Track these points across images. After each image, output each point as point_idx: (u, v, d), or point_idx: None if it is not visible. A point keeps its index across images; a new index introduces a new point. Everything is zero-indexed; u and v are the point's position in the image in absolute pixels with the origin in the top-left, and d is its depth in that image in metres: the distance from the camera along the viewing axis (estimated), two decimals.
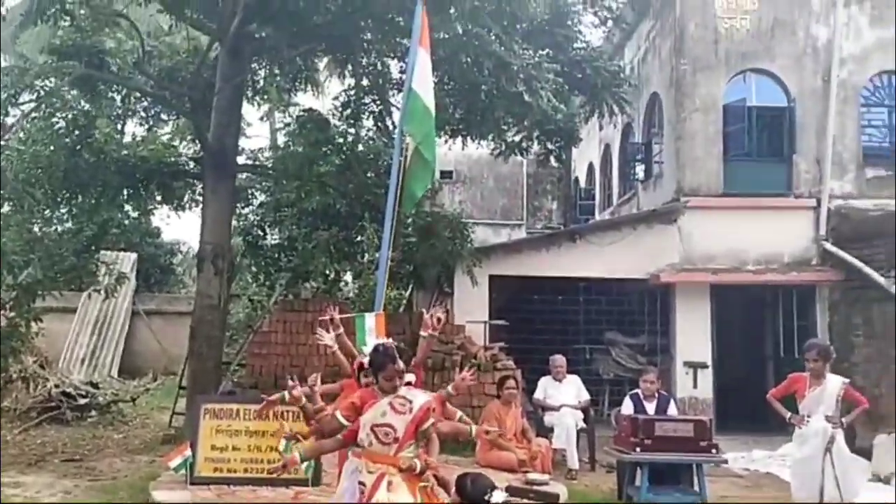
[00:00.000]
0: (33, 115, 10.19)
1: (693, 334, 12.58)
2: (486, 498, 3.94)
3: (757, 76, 13.17)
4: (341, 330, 5.92)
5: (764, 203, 12.74)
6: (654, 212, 13.11)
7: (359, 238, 13.80)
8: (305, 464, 6.91)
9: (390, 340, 5.02)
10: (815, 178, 12.71)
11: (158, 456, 9.31)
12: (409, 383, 4.91)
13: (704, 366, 12.44)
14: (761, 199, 12.76)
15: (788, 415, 6.74)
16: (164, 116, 16.32)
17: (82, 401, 12.23)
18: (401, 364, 4.57)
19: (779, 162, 13.10)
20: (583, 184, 20.98)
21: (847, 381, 6.82)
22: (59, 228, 12.34)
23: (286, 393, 5.30)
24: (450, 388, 5.18)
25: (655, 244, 12.72)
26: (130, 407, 13.29)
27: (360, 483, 4.48)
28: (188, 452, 7.05)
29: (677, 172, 13.03)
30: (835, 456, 6.42)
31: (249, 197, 16.19)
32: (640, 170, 15.53)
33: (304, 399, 5.07)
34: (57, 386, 12.25)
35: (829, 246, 12.25)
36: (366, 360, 5.04)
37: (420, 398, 4.56)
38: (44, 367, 12.83)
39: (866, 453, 10.08)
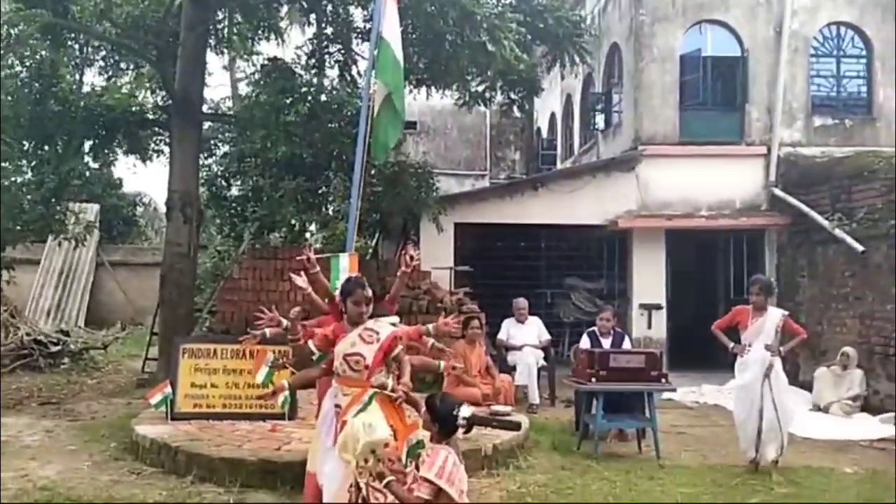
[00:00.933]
0: None
1: (649, 278, 13.12)
2: (454, 413, 4.32)
3: (712, 27, 13.52)
4: (317, 269, 6.21)
5: (717, 151, 13.20)
6: (613, 160, 13.53)
7: (324, 189, 13.98)
8: (282, 398, 7.30)
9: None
10: (766, 126, 13.19)
11: (134, 399, 9.61)
12: (393, 324, 5.21)
13: (659, 307, 13.01)
14: (715, 146, 13.21)
15: (731, 345, 7.23)
16: (123, 66, 16.15)
17: (54, 348, 12.40)
18: (369, 291, 4.91)
19: (732, 111, 13.56)
20: (545, 134, 21.31)
21: (786, 313, 7.32)
22: (19, 180, 12.33)
23: (266, 331, 5.57)
24: (430, 327, 5.44)
25: (614, 191, 13.16)
26: (102, 354, 13.48)
27: (336, 406, 4.86)
28: (168, 390, 7.38)
29: (635, 122, 13.41)
30: (773, 381, 6.94)
31: (213, 148, 16.22)
32: (600, 119, 15.88)
33: (283, 330, 5.36)
34: (28, 334, 12.39)
35: (777, 191, 12.80)
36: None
37: (386, 329, 4.93)
38: (14, 315, 12.91)
39: (809, 386, 10.77)
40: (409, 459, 4.32)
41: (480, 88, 13.41)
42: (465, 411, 4.32)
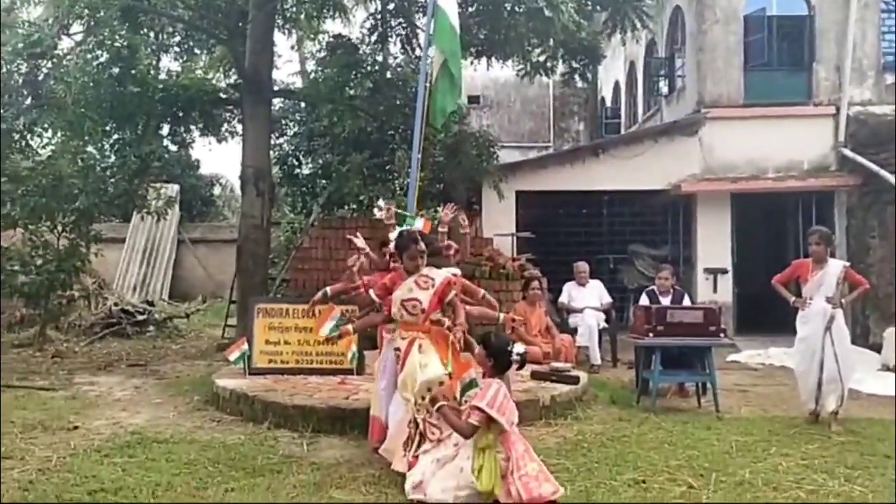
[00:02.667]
0: (80, 47, 10.74)
1: (714, 242, 13.06)
2: (509, 349, 4.58)
3: None
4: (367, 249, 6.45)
5: (784, 112, 13.01)
6: (676, 123, 13.46)
7: (389, 163, 14.35)
8: (351, 354, 7.71)
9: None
10: (835, 85, 12.92)
11: (215, 361, 10.18)
12: (455, 274, 5.50)
13: (724, 271, 12.94)
14: (781, 107, 13.01)
15: (792, 298, 7.25)
16: (197, 50, 16.81)
17: (140, 317, 13.15)
18: (422, 245, 5.21)
19: (798, 70, 13.31)
20: (609, 103, 21.18)
21: (847, 264, 7.29)
22: (103, 165, 13.05)
23: (327, 289, 5.94)
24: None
25: (677, 156, 13.11)
26: (184, 323, 14.23)
27: (396, 349, 5.19)
28: (245, 347, 7.85)
29: (699, 85, 13.30)
30: (834, 334, 6.92)
31: (283, 127, 16.76)
32: (663, 85, 15.75)
33: (344, 286, 5.72)
34: (116, 304, 13.18)
35: (847, 152, 12.54)
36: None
37: (440, 275, 5.22)
38: (102, 287, 13.75)
39: (879, 348, 10.61)
40: (463, 399, 4.58)
41: (541, 58, 13.48)
42: (519, 348, 4.58)
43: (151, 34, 13.87)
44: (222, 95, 13.38)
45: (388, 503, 4.64)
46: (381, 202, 5.91)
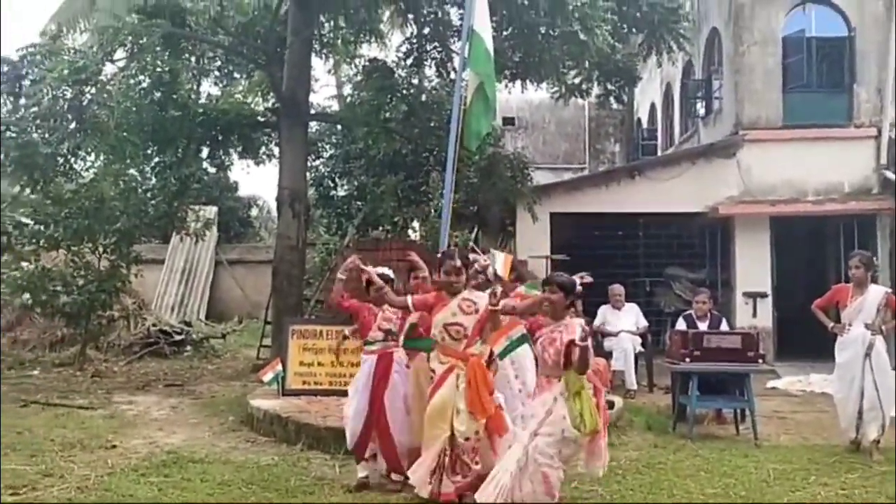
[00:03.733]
0: (123, 73, 11.03)
1: (753, 266, 12.87)
2: (576, 280, 4.77)
3: (816, 6, 13.16)
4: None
5: (823, 134, 12.83)
6: (713, 146, 13.34)
7: (424, 186, 14.43)
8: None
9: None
10: (876, 107, 12.72)
11: (250, 381, 10.27)
12: (494, 293, 5.41)
13: (764, 295, 12.74)
14: (821, 129, 12.83)
15: (831, 324, 7.11)
16: (236, 75, 17.15)
17: (178, 337, 13.35)
18: (458, 262, 5.20)
19: (839, 92, 13.13)
20: (645, 124, 21.09)
21: (889, 290, 7.13)
22: (145, 186, 13.33)
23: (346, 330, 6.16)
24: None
25: (714, 178, 12.98)
26: (221, 343, 14.40)
27: (432, 370, 5.18)
28: (279, 368, 7.92)
29: (736, 106, 13.18)
30: (874, 361, 6.77)
31: (319, 150, 16.97)
32: (700, 107, 15.66)
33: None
34: (154, 324, 13.39)
35: (889, 174, 12.31)
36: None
37: (484, 300, 5.18)
38: (141, 307, 13.99)
39: None
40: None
41: (576, 80, 13.51)
42: (587, 278, 4.85)
43: (192, 59, 14.20)
44: (260, 119, 13.61)
45: None
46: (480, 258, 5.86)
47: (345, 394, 7.80)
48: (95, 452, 6.45)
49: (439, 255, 5.45)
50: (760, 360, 7.64)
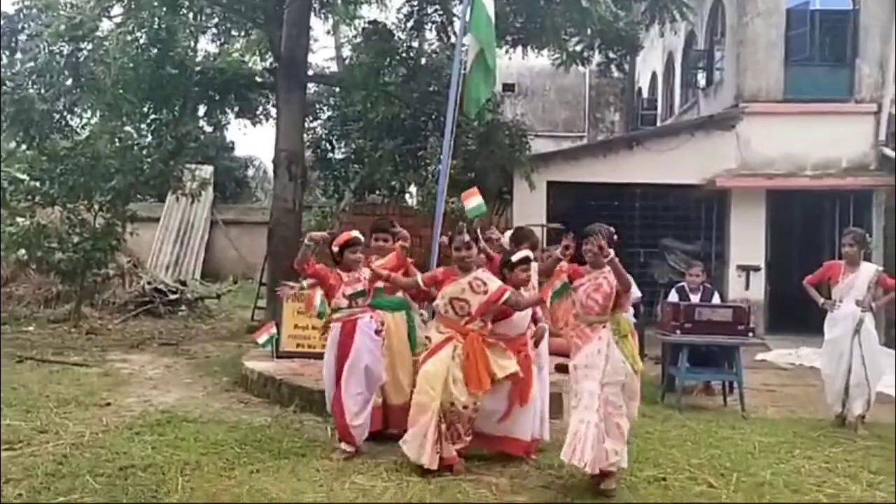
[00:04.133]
0: (119, 30, 10.91)
1: (747, 239, 12.92)
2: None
3: None
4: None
5: (824, 108, 12.80)
6: (712, 118, 13.30)
7: (422, 151, 14.37)
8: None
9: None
10: (878, 82, 12.68)
11: (245, 342, 10.33)
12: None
13: (757, 269, 12.80)
14: (821, 104, 12.79)
15: (821, 300, 7.17)
16: (234, 33, 16.97)
17: (173, 296, 13.38)
18: (466, 237, 5.23)
19: (841, 66, 13.09)
20: (646, 94, 20.97)
21: (881, 269, 7.18)
22: (141, 143, 13.24)
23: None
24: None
25: (713, 150, 12.97)
26: (215, 303, 14.44)
27: (427, 338, 5.27)
28: (273, 330, 7.95)
29: (738, 78, 13.12)
30: (862, 338, 6.84)
31: (317, 111, 16.87)
32: (701, 77, 15.57)
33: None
34: (149, 283, 13.42)
35: (887, 151, 12.32)
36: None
37: (495, 283, 5.22)
38: (136, 266, 14.00)
39: None
40: (556, 301, 5.14)
41: (578, 48, 13.41)
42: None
43: (190, 16, 14.02)
44: (258, 79, 13.52)
45: (409, 490, 4.70)
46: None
47: None
48: (90, 410, 6.51)
49: (450, 234, 5.42)
50: (750, 334, 7.71)
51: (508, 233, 6.32)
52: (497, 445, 5.40)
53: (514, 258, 5.37)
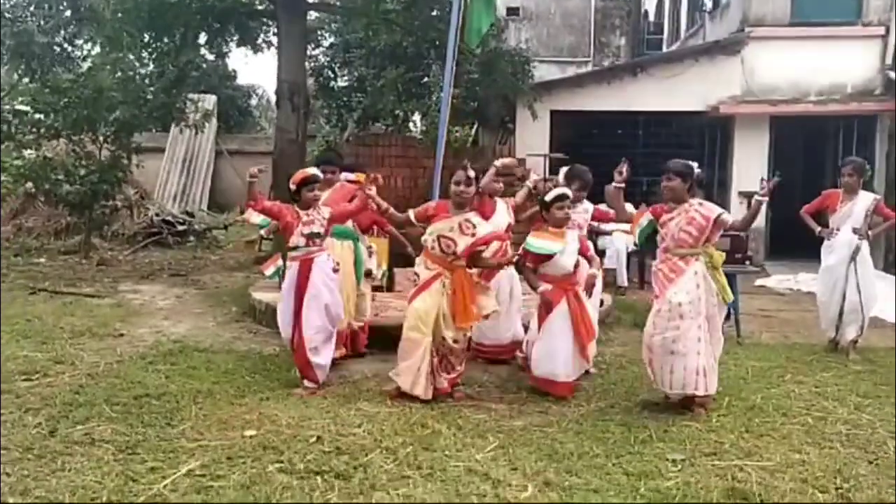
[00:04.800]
0: None
1: (750, 166, 12.87)
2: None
3: None
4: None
5: (831, 32, 12.59)
6: (717, 43, 13.12)
7: (425, 79, 14.25)
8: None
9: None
10: (886, 4, 12.42)
11: (252, 273, 10.54)
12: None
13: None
14: (828, 27, 12.58)
15: (818, 229, 7.27)
16: None
17: (181, 227, 13.55)
18: (472, 172, 5.27)
19: None
20: (652, 17, 20.60)
21: (878, 197, 7.25)
22: (143, 71, 13.17)
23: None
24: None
25: (717, 76, 12.84)
26: (223, 234, 14.63)
27: (415, 273, 5.33)
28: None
29: (744, 2, 12.87)
30: (858, 265, 6.96)
31: (319, 38, 16.63)
32: (707, 0, 15.26)
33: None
34: (157, 214, 13.58)
35: (893, 75, 12.17)
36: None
37: (485, 228, 5.31)
38: (144, 197, 14.12)
39: None
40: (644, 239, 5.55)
41: None
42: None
43: None
44: (258, 7, 13.32)
45: (412, 415, 4.91)
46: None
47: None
48: (104, 340, 6.73)
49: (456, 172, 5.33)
50: (747, 262, 7.83)
51: (563, 169, 6.34)
52: (552, 388, 5.40)
53: (549, 197, 5.41)
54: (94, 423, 4.56)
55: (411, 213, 5.41)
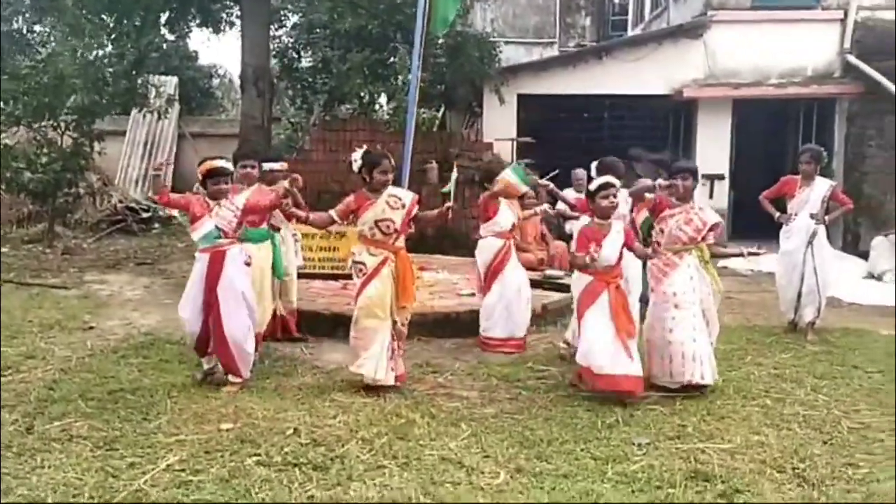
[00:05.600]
0: None
1: (713, 148, 13.13)
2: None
3: None
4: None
5: (791, 16, 12.81)
6: (681, 27, 13.27)
7: (391, 60, 14.20)
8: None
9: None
10: None
11: None
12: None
13: (721, 177, 13.08)
14: (789, 11, 12.81)
15: (777, 214, 7.49)
16: None
17: (145, 214, 13.41)
18: (392, 161, 5.37)
19: None
20: None
21: (834, 183, 7.49)
22: (100, 52, 12.90)
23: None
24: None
25: (680, 60, 13.00)
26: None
27: (361, 263, 5.32)
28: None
29: None
30: (815, 249, 7.21)
31: (283, 18, 16.46)
32: None
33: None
34: (121, 201, 13.43)
35: (851, 58, 12.45)
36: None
37: (408, 196, 5.44)
38: (106, 184, 13.94)
39: (867, 256, 10.91)
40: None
41: None
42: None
43: None
44: None
45: (386, 405, 5.01)
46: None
47: (312, 277, 8.21)
48: (74, 334, 6.71)
49: (366, 154, 5.37)
50: None
51: (594, 164, 6.47)
52: (616, 385, 5.15)
53: (593, 186, 5.44)
54: (70, 419, 4.58)
55: (334, 213, 5.36)
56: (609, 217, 5.36)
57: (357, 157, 5.38)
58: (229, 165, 5.35)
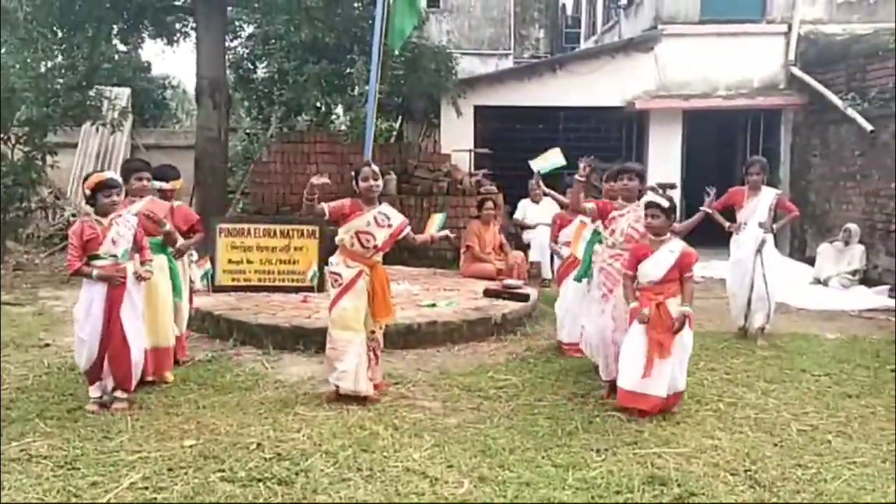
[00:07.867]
0: None
1: (664, 158, 13.44)
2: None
3: None
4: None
5: (737, 29, 13.21)
6: (632, 40, 13.59)
7: (348, 71, 14.24)
8: (312, 273, 8.05)
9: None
10: (788, 2, 13.11)
11: None
12: None
13: (673, 186, 13.32)
14: (735, 24, 13.19)
15: (727, 224, 7.72)
16: None
17: None
18: (376, 168, 5.39)
19: None
20: (570, 11, 21.05)
21: (779, 192, 7.76)
22: (49, 64, 12.68)
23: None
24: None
25: (632, 72, 13.31)
26: None
27: (337, 274, 5.35)
28: (208, 265, 8.08)
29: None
30: (764, 257, 7.45)
31: (238, 29, 16.39)
32: None
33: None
34: (74, 215, 13.17)
35: (795, 70, 12.86)
36: None
37: (398, 218, 5.49)
38: (59, 197, 13.69)
39: (814, 261, 11.25)
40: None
41: None
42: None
43: None
44: (176, 3, 13.06)
45: (349, 417, 5.05)
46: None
47: (274, 289, 8.22)
48: (30, 352, 6.61)
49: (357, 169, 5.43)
50: None
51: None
52: (634, 402, 5.13)
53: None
54: (29, 439, 4.53)
55: (326, 207, 5.31)
56: (660, 235, 5.29)
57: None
58: (118, 177, 5.18)
